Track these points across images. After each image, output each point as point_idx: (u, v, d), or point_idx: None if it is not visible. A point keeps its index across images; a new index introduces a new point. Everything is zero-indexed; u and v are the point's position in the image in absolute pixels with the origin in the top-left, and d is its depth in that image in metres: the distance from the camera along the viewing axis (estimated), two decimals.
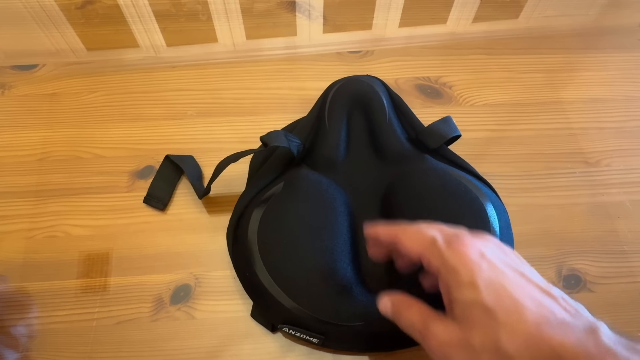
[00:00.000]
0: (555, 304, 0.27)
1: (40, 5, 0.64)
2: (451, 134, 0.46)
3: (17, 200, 0.49)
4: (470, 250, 0.29)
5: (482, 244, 0.30)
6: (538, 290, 0.28)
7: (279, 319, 0.40)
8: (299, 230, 0.41)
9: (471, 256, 0.28)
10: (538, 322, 0.26)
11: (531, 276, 0.29)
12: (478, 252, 0.29)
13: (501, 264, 0.29)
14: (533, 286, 0.28)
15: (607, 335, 0.25)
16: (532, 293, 0.27)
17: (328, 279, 0.39)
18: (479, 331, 0.27)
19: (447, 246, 0.29)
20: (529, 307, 0.26)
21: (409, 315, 0.31)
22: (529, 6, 0.65)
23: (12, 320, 0.43)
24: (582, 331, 0.25)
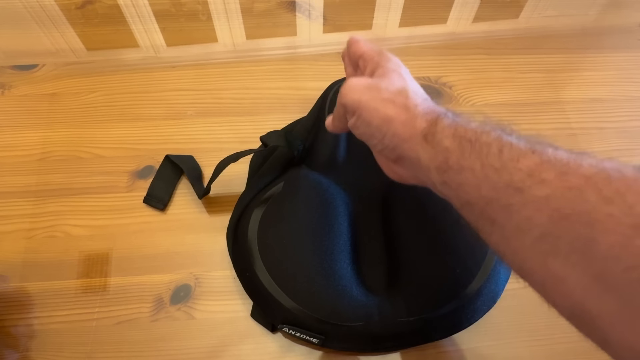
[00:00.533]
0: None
1: (40, 5, 0.64)
2: None
3: (17, 200, 0.49)
4: (395, 59, 0.37)
5: None
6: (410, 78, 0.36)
7: (279, 319, 0.40)
8: (298, 231, 0.41)
9: (397, 62, 0.37)
10: (423, 92, 0.35)
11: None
12: (399, 62, 0.37)
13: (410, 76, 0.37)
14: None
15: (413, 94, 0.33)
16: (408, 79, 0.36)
17: (328, 279, 0.39)
18: (392, 82, 0.34)
19: (378, 53, 0.38)
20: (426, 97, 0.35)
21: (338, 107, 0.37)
22: (529, 6, 0.65)
23: (12, 320, 0.43)
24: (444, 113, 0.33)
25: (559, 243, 0.23)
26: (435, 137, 0.30)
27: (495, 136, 0.28)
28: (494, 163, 0.27)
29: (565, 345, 0.42)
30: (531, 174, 0.25)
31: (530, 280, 0.26)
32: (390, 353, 0.42)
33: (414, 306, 0.40)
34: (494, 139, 0.28)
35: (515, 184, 0.25)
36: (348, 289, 0.40)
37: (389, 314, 0.39)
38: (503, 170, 0.26)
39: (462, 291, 0.40)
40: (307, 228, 0.41)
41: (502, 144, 0.27)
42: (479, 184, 0.27)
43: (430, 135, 0.30)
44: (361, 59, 0.39)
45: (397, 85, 0.34)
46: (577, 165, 0.24)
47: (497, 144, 0.27)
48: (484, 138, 0.28)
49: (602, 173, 0.22)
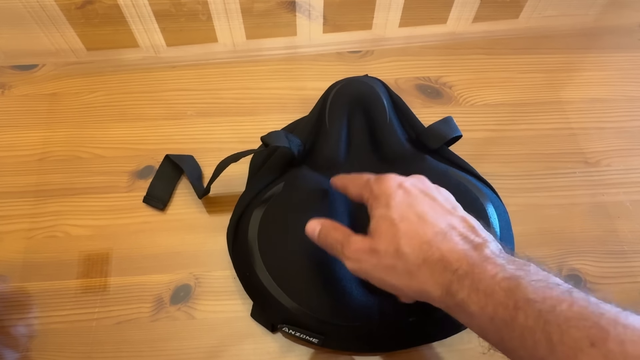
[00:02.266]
0: (455, 221, 0.32)
1: (40, 5, 0.64)
2: (451, 135, 0.46)
3: (17, 200, 0.49)
4: (391, 182, 0.34)
5: (405, 178, 0.35)
6: (442, 210, 0.33)
7: (279, 318, 0.40)
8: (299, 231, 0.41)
9: (391, 185, 0.34)
10: (435, 233, 0.31)
11: (441, 200, 0.33)
12: (397, 183, 0.34)
13: (415, 191, 0.34)
14: (438, 208, 0.33)
15: (492, 248, 0.29)
16: (435, 213, 0.32)
17: (328, 279, 0.39)
18: (385, 239, 0.32)
19: (374, 181, 0.35)
20: (430, 223, 0.31)
21: (334, 234, 0.35)
22: (529, 6, 0.65)
23: (12, 320, 0.43)
24: (471, 245, 0.30)
25: None
26: (462, 309, 0.28)
27: (535, 316, 0.25)
28: (547, 358, 0.24)
29: None
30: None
31: None
32: (390, 353, 0.42)
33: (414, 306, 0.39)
34: (535, 321, 0.24)
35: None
36: (348, 289, 0.40)
37: (389, 314, 0.39)
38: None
39: None
40: None
41: (549, 332, 0.24)
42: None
43: (455, 306, 0.29)
44: (351, 195, 0.38)
45: (393, 245, 0.31)
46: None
47: (542, 332, 0.24)
48: (521, 319, 0.25)
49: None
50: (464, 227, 0.32)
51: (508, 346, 0.26)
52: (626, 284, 0.45)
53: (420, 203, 0.33)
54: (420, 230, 0.31)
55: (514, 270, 0.27)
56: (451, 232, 0.31)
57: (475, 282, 0.27)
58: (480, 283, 0.27)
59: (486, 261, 0.28)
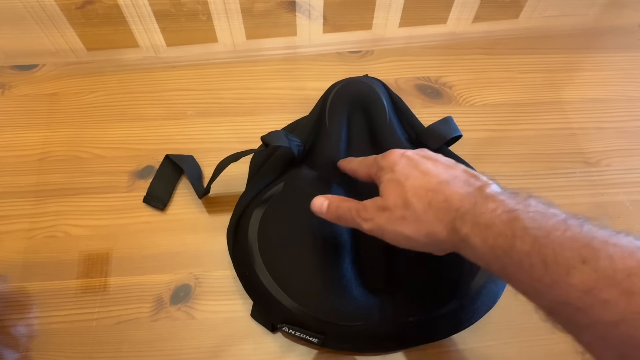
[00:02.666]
0: (457, 172, 0.34)
1: (40, 5, 0.64)
2: (451, 135, 0.46)
3: (17, 200, 0.49)
4: (394, 153, 0.37)
5: (406, 150, 0.37)
6: (443, 166, 0.35)
7: (279, 318, 0.40)
8: (299, 231, 0.41)
9: (394, 156, 0.37)
10: (439, 182, 0.33)
11: (442, 160, 0.36)
12: (399, 154, 0.37)
13: (417, 156, 0.36)
14: (440, 165, 0.35)
15: (493, 187, 0.31)
16: (437, 168, 0.34)
17: (328, 279, 0.39)
18: (393, 195, 0.34)
19: (380, 157, 0.38)
20: (433, 175, 0.34)
21: (345, 204, 0.37)
22: (529, 6, 0.65)
23: (12, 320, 0.43)
24: (473, 187, 0.32)
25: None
26: (467, 245, 0.30)
27: (531, 241, 0.26)
28: (543, 279, 0.25)
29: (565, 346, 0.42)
30: (590, 293, 0.23)
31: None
32: (390, 353, 0.42)
33: (414, 306, 0.40)
34: (531, 245, 0.26)
35: (574, 303, 0.24)
36: (348, 288, 0.40)
37: (389, 314, 0.39)
38: (555, 286, 0.25)
39: (462, 291, 0.40)
40: (308, 228, 0.41)
41: (544, 254, 0.25)
42: (534, 296, 0.27)
43: (460, 242, 0.30)
44: (360, 176, 0.40)
45: (401, 198, 0.34)
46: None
47: (537, 255, 0.26)
48: (519, 246, 0.27)
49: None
50: (467, 175, 0.33)
51: (508, 272, 0.28)
52: None
53: (423, 163, 0.35)
54: (424, 182, 0.33)
55: (513, 204, 0.29)
56: (454, 180, 0.33)
57: (477, 217, 0.29)
58: (481, 217, 0.29)
59: (487, 199, 0.30)
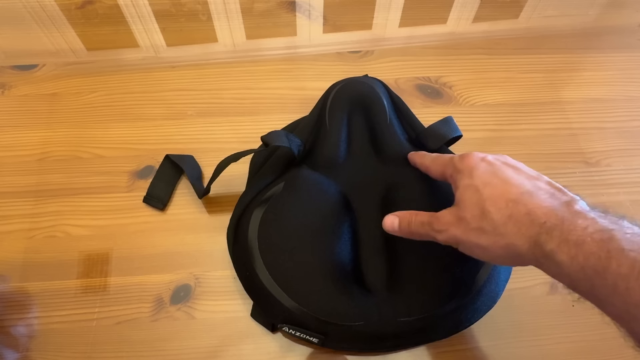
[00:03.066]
0: (541, 184, 0.32)
1: (40, 5, 0.64)
2: (451, 135, 0.46)
3: (17, 200, 0.49)
4: (473, 157, 0.35)
5: (487, 154, 0.36)
6: (526, 176, 0.33)
7: (279, 318, 0.40)
8: (299, 230, 0.41)
9: (474, 159, 0.35)
10: (521, 193, 0.31)
11: (524, 169, 0.34)
12: (479, 158, 0.35)
13: (498, 162, 0.35)
14: (523, 174, 0.33)
15: (581, 204, 0.30)
16: (519, 177, 0.33)
17: (328, 279, 0.39)
18: (470, 204, 0.33)
19: (458, 158, 0.37)
20: (514, 184, 0.32)
21: (418, 218, 0.36)
22: (529, 6, 0.65)
23: (12, 320, 0.43)
24: (560, 201, 0.30)
25: None
26: (552, 262, 0.28)
27: (628, 264, 0.25)
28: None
29: (565, 346, 0.42)
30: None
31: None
32: (390, 353, 0.42)
33: (414, 306, 0.40)
34: (629, 268, 0.25)
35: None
36: (348, 288, 0.40)
37: (389, 314, 0.39)
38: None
39: (462, 291, 0.40)
40: (308, 228, 0.41)
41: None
42: (629, 322, 0.25)
43: (544, 258, 0.29)
44: (433, 174, 0.40)
45: (478, 208, 0.32)
46: None
47: (637, 278, 0.24)
48: (614, 268, 0.25)
49: None
50: (552, 188, 0.32)
51: (599, 294, 0.26)
52: None
53: (504, 170, 0.33)
54: (505, 191, 0.31)
55: (606, 223, 0.27)
56: (538, 191, 0.31)
57: (565, 234, 0.27)
58: (570, 234, 0.27)
59: (576, 215, 0.28)
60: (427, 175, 0.43)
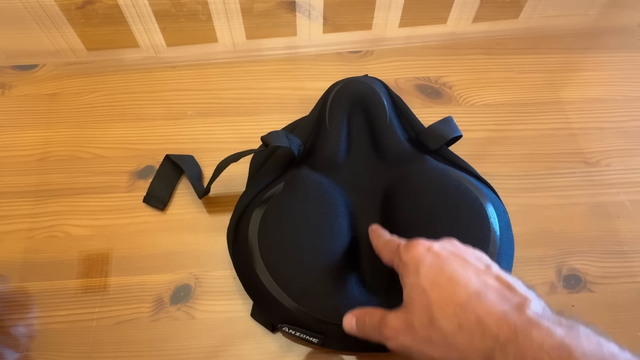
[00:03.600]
0: (490, 280, 0.30)
1: (40, 5, 0.64)
2: (451, 135, 0.46)
3: (17, 200, 0.49)
4: (419, 247, 0.33)
5: (434, 242, 0.33)
6: (474, 270, 0.31)
7: (279, 318, 0.40)
8: (299, 231, 0.41)
9: (419, 250, 0.32)
10: (469, 295, 0.29)
11: (472, 260, 0.32)
12: (425, 248, 0.32)
13: (445, 253, 0.32)
14: (470, 268, 0.31)
15: (534, 308, 0.27)
16: (466, 273, 0.30)
17: (328, 279, 0.39)
18: (417, 310, 0.30)
19: (404, 248, 0.34)
20: (462, 285, 0.29)
21: (370, 320, 0.34)
22: (529, 6, 0.65)
23: (12, 320, 0.43)
24: (510, 304, 0.28)
25: None
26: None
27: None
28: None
29: None
30: None
31: None
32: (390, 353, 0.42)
33: None
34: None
35: None
36: (348, 289, 0.40)
37: None
38: None
39: None
40: (308, 228, 0.41)
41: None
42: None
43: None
44: (383, 259, 0.37)
45: (426, 314, 0.30)
46: None
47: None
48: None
49: None
50: (500, 286, 0.30)
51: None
52: (626, 284, 0.45)
53: (451, 264, 0.31)
54: (452, 294, 0.29)
55: (562, 336, 0.25)
56: (486, 291, 0.29)
57: (521, 351, 0.25)
58: (526, 352, 0.25)
59: (530, 325, 0.26)
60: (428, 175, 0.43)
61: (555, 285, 0.45)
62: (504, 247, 0.41)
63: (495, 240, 0.40)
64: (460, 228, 0.40)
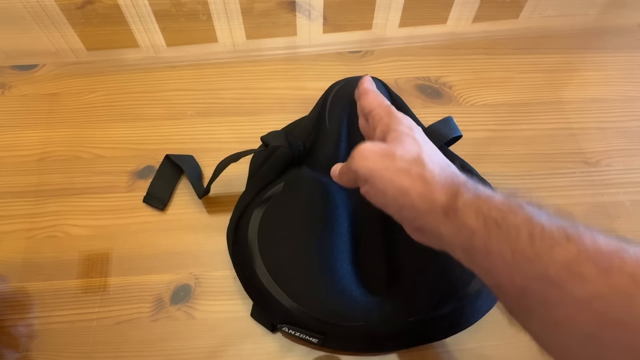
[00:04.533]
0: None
1: (40, 5, 0.64)
2: (451, 135, 0.46)
3: (17, 200, 0.49)
4: (412, 122, 0.35)
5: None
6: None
7: (279, 318, 0.40)
8: (299, 231, 0.41)
9: (411, 122, 0.35)
10: (447, 164, 0.33)
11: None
12: (414, 125, 0.35)
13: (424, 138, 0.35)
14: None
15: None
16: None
17: (328, 279, 0.39)
18: (405, 146, 0.32)
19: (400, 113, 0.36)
20: (432, 146, 0.34)
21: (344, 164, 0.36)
22: (529, 6, 0.65)
23: (12, 320, 0.43)
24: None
25: (608, 350, 0.22)
26: (457, 214, 0.28)
27: (524, 216, 0.26)
28: (526, 250, 0.25)
29: None
30: (569, 267, 0.23)
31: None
32: (390, 353, 0.42)
33: (414, 306, 0.40)
34: (523, 220, 0.26)
35: (551, 277, 0.23)
36: (348, 289, 0.40)
37: (389, 314, 0.39)
38: (536, 259, 0.24)
39: (462, 291, 0.40)
40: (307, 228, 0.41)
41: (533, 227, 0.25)
42: (510, 272, 0.25)
43: (452, 211, 0.28)
44: (370, 115, 0.37)
45: (413, 153, 0.32)
46: (619, 259, 0.22)
47: (526, 227, 0.25)
48: (512, 219, 0.26)
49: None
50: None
51: (491, 246, 0.27)
52: None
53: (429, 145, 0.34)
54: (435, 158, 0.32)
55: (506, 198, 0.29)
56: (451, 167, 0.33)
57: (478, 189, 0.29)
58: (479, 190, 0.29)
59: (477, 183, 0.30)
60: None
61: None
62: None
63: None
64: None
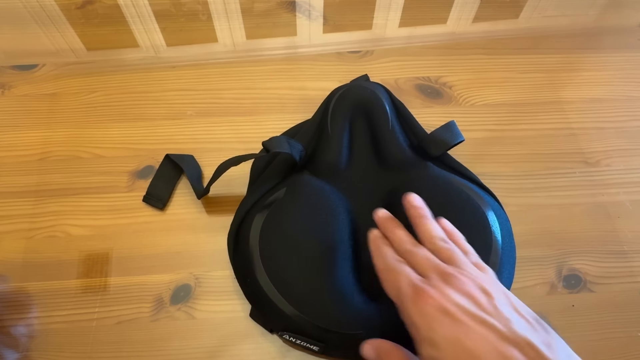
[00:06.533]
0: (518, 353, 0.26)
1: (40, 5, 0.64)
2: (454, 142, 0.46)
3: (17, 200, 0.49)
4: (428, 306, 0.28)
5: (445, 294, 0.29)
6: (500, 340, 0.27)
7: (280, 325, 0.40)
8: (300, 237, 0.41)
9: (429, 312, 0.28)
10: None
11: (497, 324, 0.27)
12: (438, 306, 0.28)
13: (463, 315, 0.28)
14: (496, 337, 0.27)
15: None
16: (493, 346, 0.26)
17: (329, 287, 0.39)
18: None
19: (410, 300, 0.30)
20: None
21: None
22: (529, 6, 0.65)
23: (12, 320, 0.43)
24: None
25: None
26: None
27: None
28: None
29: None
30: None
31: None
32: None
33: None
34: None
35: None
36: (349, 297, 0.39)
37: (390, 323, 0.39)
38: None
39: None
40: (309, 234, 0.41)
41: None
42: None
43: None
44: (387, 289, 0.33)
45: None
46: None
47: None
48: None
49: None
50: (526, 357, 0.26)
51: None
52: (626, 284, 0.45)
53: (472, 336, 0.27)
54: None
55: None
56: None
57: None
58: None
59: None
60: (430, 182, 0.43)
61: (555, 285, 0.45)
62: (506, 255, 0.40)
63: (497, 248, 0.40)
64: (461, 232, 0.40)
